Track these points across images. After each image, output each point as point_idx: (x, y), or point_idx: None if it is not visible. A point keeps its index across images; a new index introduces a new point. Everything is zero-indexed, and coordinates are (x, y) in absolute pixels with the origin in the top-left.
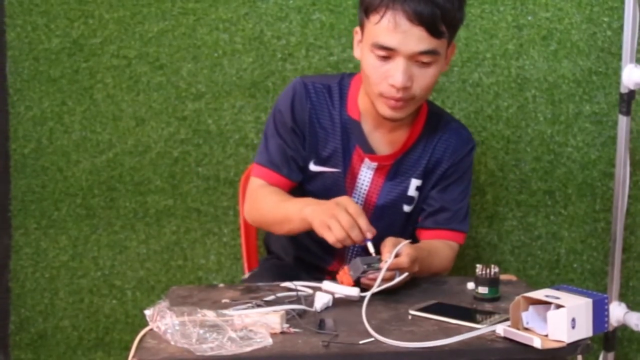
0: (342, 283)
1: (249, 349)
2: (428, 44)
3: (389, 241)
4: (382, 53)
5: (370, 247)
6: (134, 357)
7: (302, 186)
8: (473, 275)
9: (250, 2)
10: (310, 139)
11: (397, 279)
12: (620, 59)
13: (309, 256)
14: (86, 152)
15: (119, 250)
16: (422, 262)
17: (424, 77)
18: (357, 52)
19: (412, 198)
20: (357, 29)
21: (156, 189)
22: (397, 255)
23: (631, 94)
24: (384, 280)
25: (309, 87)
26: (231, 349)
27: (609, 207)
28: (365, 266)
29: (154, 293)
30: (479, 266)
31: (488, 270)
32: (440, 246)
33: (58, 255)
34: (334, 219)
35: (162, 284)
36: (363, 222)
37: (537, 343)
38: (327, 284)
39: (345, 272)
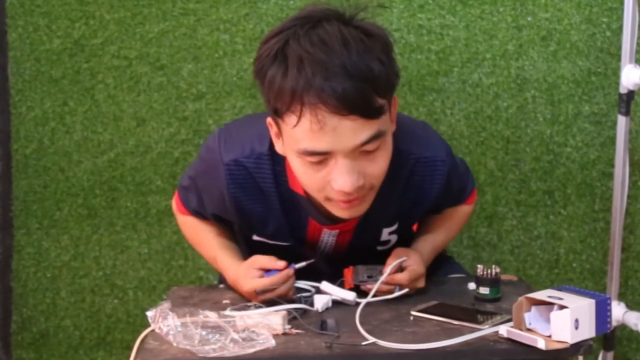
0: (346, 278)
1: (251, 350)
2: (368, 132)
3: (393, 253)
4: (315, 159)
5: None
6: (136, 358)
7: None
8: (473, 275)
9: (251, 3)
10: (245, 222)
11: (396, 294)
12: (619, 60)
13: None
14: (87, 152)
15: (121, 250)
16: (431, 254)
17: (375, 166)
18: (278, 147)
19: (387, 241)
20: (271, 121)
21: (157, 189)
22: (402, 269)
23: (630, 94)
24: (382, 292)
25: (236, 176)
26: (234, 351)
27: (608, 207)
28: (365, 276)
29: (155, 293)
30: (480, 266)
31: (489, 271)
32: (447, 217)
33: (60, 255)
34: (252, 296)
35: (163, 283)
36: (279, 291)
37: (541, 344)
38: (325, 285)
39: (350, 271)
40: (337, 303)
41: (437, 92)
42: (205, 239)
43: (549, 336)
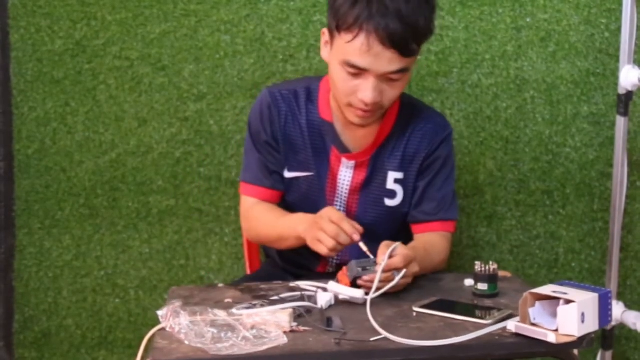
0: (341, 279)
1: (263, 347)
2: (399, 64)
3: (383, 245)
4: (353, 71)
5: (363, 246)
6: (148, 358)
7: (284, 195)
8: (472, 273)
9: (252, 4)
10: (284, 147)
11: (397, 279)
12: (617, 61)
13: (297, 257)
14: (89, 152)
15: (122, 250)
16: (422, 261)
17: (392, 91)
18: (324, 54)
19: (392, 191)
20: (325, 31)
21: (158, 189)
22: (391, 257)
23: (629, 95)
24: (383, 282)
25: (276, 96)
26: (246, 348)
27: (607, 207)
28: (359, 269)
29: (156, 292)
30: (477, 263)
31: (487, 267)
32: (434, 239)
33: (62, 255)
34: (321, 231)
35: (164, 283)
36: (347, 226)
37: (551, 338)
38: (332, 285)
39: (344, 273)
40: (339, 301)
41: (436, 92)
42: (269, 216)
43: (555, 330)
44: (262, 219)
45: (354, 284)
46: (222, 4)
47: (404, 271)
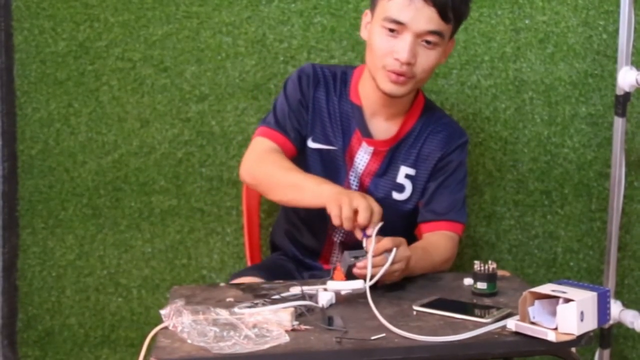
0: (337, 273)
1: (265, 346)
2: (437, 25)
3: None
4: (393, 26)
5: (365, 243)
6: (151, 356)
7: (300, 164)
8: (471, 272)
9: (253, 6)
10: (313, 116)
11: (390, 259)
12: (615, 62)
13: (302, 239)
14: (92, 153)
15: (125, 249)
16: (420, 259)
17: (426, 58)
18: (364, 33)
19: (401, 185)
20: (367, 11)
21: (161, 189)
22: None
23: (626, 96)
24: (377, 266)
25: (318, 71)
26: (248, 347)
27: (605, 206)
28: (352, 259)
29: (158, 291)
30: (476, 262)
31: (486, 266)
32: (437, 239)
33: (65, 254)
34: (347, 197)
35: (166, 282)
36: (377, 216)
37: (551, 337)
38: (331, 284)
39: (338, 269)
40: (340, 300)
41: (436, 93)
42: (288, 164)
43: (555, 329)
44: (279, 163)
45: (350, 276)
46: (224, 6)
47: (394, 250)
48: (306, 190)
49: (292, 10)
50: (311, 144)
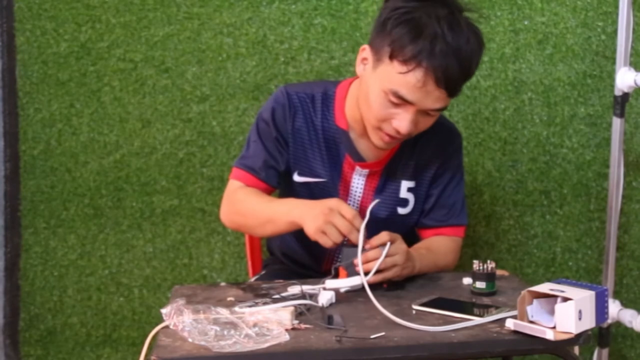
0: (340, 277)
1: (265, 345)
2: (443, 103)
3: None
4: (396, 101)
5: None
6: (152, 355)
7: (289, 196)
8: (470, 272)
9: (254, 7)
10: (295, 150)
11: (384, 252)
12: (614, 63)
13: (300, 258)
14: (94, 153)
15: (126, 249)
16: (423, 259)
17: (425, 124)
18: (359, 70)
19: (405, 200)
20: (367, 48)
21: (162, 189)
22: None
23: (625, 96)
24: (373, 259)
25: (293, 97)
26: (248, 346)
27: (604, 206)
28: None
29: (160, 291)
30: (475, 262)
31: (485, 266)
32: (440, 241)
33: (67, 254)
34: (330, 224)
35: (168, 281)
36: (359, 224)
37: (550, 335)
38: (329, 282)
39: (342, 270)
40: (340, 299)
41: None
42: (257, 198)
43: (553, 327)
44: (249, 201)
45: (352, 273)
46: (225, 7)
47: (388, 244)
48: (278, 221)
49: (293, 12)
50: (297, 178)
